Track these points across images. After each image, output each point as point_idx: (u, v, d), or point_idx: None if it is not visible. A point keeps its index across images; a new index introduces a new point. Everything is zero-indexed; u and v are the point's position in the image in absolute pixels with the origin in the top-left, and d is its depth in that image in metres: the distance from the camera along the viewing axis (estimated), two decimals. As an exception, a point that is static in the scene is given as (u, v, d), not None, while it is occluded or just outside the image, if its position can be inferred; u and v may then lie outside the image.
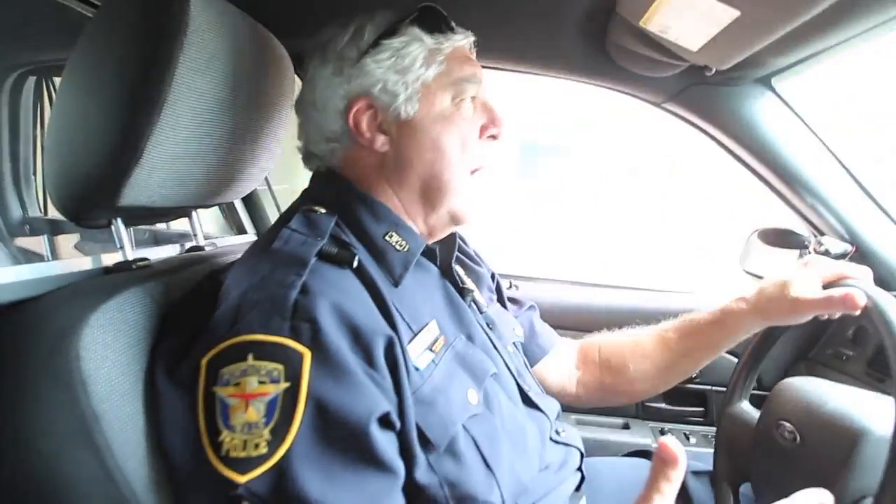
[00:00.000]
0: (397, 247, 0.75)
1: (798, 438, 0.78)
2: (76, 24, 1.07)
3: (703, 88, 1.16)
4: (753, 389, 0.99)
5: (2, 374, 0.59)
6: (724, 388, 1.02)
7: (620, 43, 1.04)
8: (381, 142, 0.76)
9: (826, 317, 0.82)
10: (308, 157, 0.82)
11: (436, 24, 0.77)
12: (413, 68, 0.75)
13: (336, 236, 0.72)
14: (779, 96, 1.15)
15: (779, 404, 0.84)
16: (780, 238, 1.30)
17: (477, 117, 0.79)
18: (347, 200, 0.76)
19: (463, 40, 0.79)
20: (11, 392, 0.58)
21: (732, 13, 0.79)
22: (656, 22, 0.90)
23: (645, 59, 1.04)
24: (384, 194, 0.78)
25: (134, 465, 0.58)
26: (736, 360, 1.37)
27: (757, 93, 1.15)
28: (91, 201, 0.74)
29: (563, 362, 1.09)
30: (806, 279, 0.82)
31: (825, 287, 0.82)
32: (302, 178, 0.85)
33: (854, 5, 0.80)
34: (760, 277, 1.30)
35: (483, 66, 0.82)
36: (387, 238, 0.75)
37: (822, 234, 1.28)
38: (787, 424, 0.80)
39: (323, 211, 0.74)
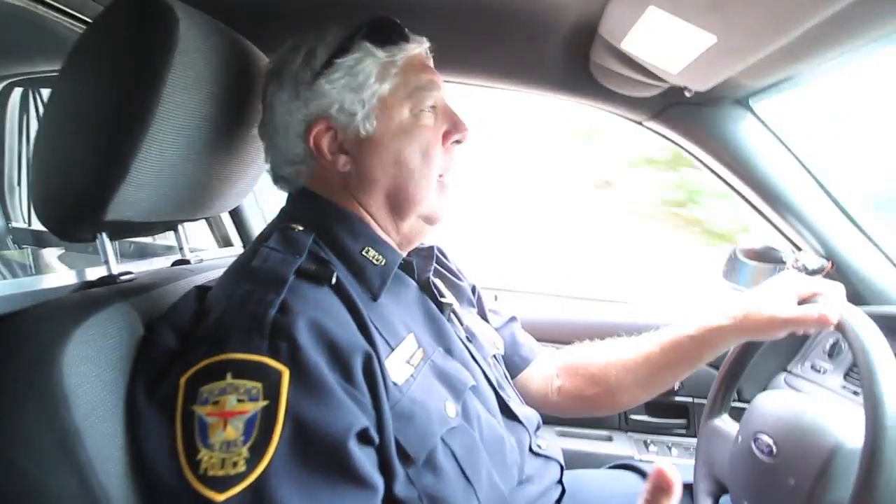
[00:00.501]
0: (374, 261, 0.76)
1: (775, 451, 0.79)
2: (62, 36, 1.07)
3: (683, 108, 1.18)
4: (734, 402, 1.00)
5: None
6: (706, 400, 1.03)
7: (603, 63, 1.06)
8: (342, 161, 0.77)
9: (802, 332, 0.84)
10: (276, 179, 0.83)
11: (387, 36, 0.77)
12: (367, 84, 0.75)
13: (314, 253, 0.72)
14: (756, 116, 1.18)
15: (757, 417, 0.85)
16: (759, 253, 1.32)
17: (439, 125, 0.79)
18: (323, 218, 0.77)
19: (417, 48, 0.79)
20: None
21: (709, 38, 0.81)
22: (636, 45, 0.93)
23: (626, 79, 1.07)
24: (355, 210, 0.79)
25: (116, 482, 0.58)
26: (716, 371, 1.40)
27: (735, 113, 1.17)
28: (77, 216, 0.74)
29: (545, 372, 1.09)
30: (781, 296, 0.84)
31: (800, 303, 0.84)
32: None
33: (827, 32, 0.82)
34: (741, 290, 1.33)
35: (467, 84, 0.83)
36: (364, 253, 0.76)
37: (799, 249, 1.30)
38: (765, 437, 0.81)
39: (300, 228, 0.75)
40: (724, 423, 0.96)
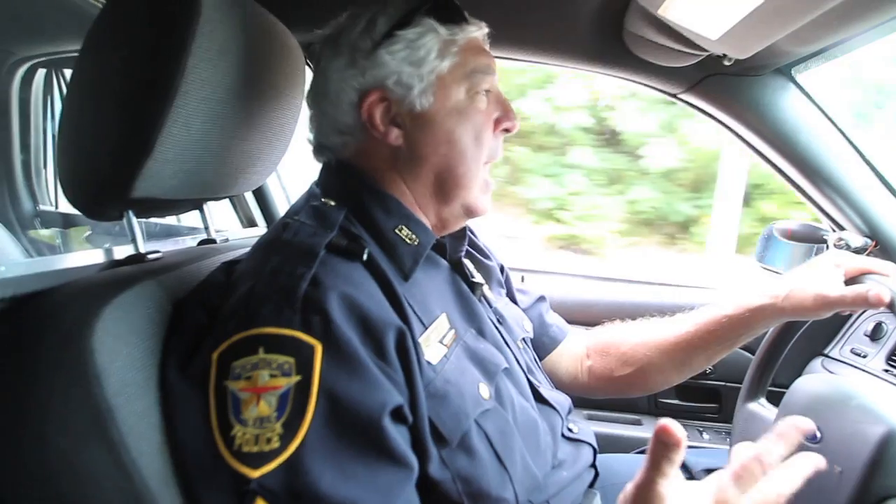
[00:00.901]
0: (407, 240, 0.74)
1: (819, 437, 0.76)
2: (85, 17, 1.06)
3: (721, 79, 1.13)
4: (769, 386, 0.97)
5: (16, 367, 0.59)
6: (739, 385, 1.00)
7: (637, 32, 1.02)
8: (394, 135, 0.75)
9: (848, 312, 0.81)
10: (319, 149, 0.81)
11: (449, 15, 0.75)
12: (428, 60, 0.73)
13: (346, 228, 0.71)
14: (799, 87, 1.13)
15: (799, 401, 0.83)
16: (798, 232, 1.28)
17: (491, 110, 0.78)
18: (358, 193, 0.75)
19: (477, 32, 0.78)
20: (26, 385, 0.58)
21: (755, 1, 0.77)
22: (675, 10, 0.88)
23: (662, 48, 1.02)
24: (396, 188, 0.77)
25: (148, 459, 0.58)
26: (750, 356, 1.36)
27: (777, 83, 1.12)
28: (103, 194, 0.74)
29: (575, 352, 1.08)
30: (829, 274, 0.81)
31: (847, 282, 0.80)
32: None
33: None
34: (777, 273, 1.28)
35: (497, 57, 0.81)
36: (397, 231, 0.74)
37: (841, 228, 1.26)
38: None
39: (332, 203, 0.73)
40: (762, 406, 0.93)
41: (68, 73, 1.77)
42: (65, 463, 0.56)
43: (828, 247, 1.23)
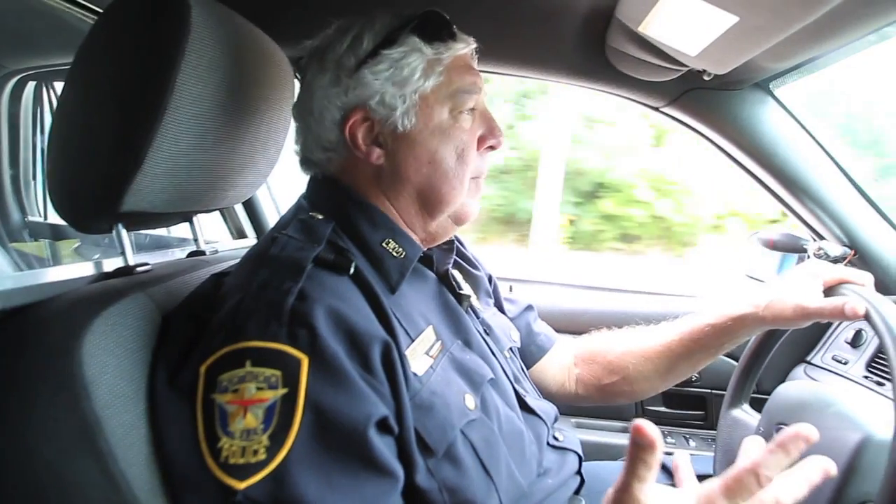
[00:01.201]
0: (394, 253, 0.75)
1: None
2: (75, 31, 1.07)
3: (701, 93, 1.16)
4: (753, 393, 0.98)
5: (5, 379, 0.59)
6: (724, 392, 1.01)
7: (619, 48, 1.04)
8: (376, 154, 0.75)
9: (826, 321, 0.82)
10: (305, 162, 0.81)
11: (436, 33, 0.75)
12: (411, 80, 0.73)
13: (333, 242, 0.71)
14: (777, 100, 1.15)
15: (779, 408, 0.84)
16: (779, 242, 1.30)
17: (475, 128, 0.78)
18: (345, 207, 0.76)
19: (464, 49, 0.77)
20: (15, 398, 0.58)
21: (731, 19, 0.79)
22: (655, 27, 0.90)
23: (643, 63, 1.04)
24: (381, 203, 0.77)
25: (136, 471, 0.58)
26: (734, 363, 1.38)
27: (755, 97, 1.15)
28: (93, 207, 0.74)
29: (563, 361, 1.08)
30: (808, 285, 0.82)
31: (826, 292, 0.82)
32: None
33: (853, 10, 0.80)
34: (761, 282, 1.31)
35: (483, 71, 0.81)
36: (384, 245, 0.75)
37: (821, 237, 1.28)
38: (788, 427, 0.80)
39: (320, 217, 0.74)
40: (745, 413, 0.94)
41: (58, 85, 1.78)
42: (52, 474, 0.57)
43: (808, 256, 1.25)
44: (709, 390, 1.48)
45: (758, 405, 0.94)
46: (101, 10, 1.03)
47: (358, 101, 0.73)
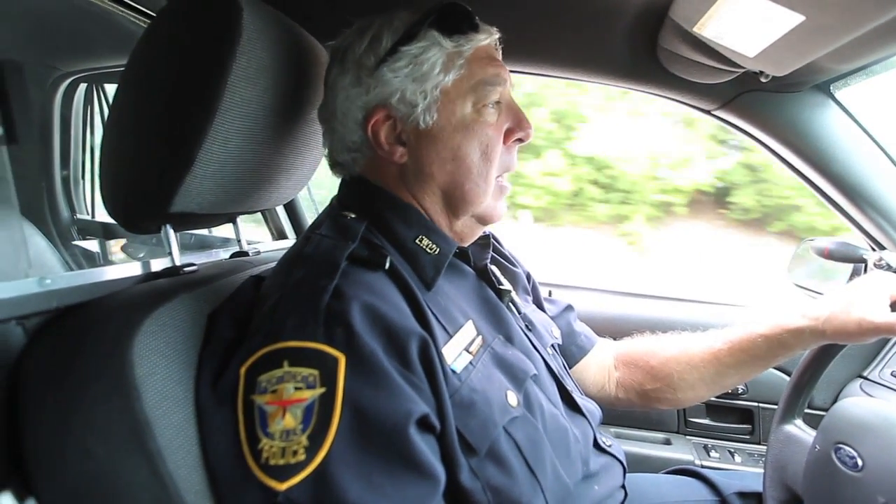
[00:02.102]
0: (428, 250, 0.74)
1: (861, 464, 0.74)
2: (127, 34, 1.10)
3: (756, 95, 1.11)
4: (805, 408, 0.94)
5: (60, 377, 0.60)
6: (773, 405, 0.98)
7: (672, 49, 1.00)
8: (399, 153, 0.74)
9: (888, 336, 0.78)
10: (334, 164, 0.81)
11: (456, 25, 0.73)
12: (431, 75, 0.72)
13: (367, 239, 0.71)
14: (838, 103, 1.10)
15: (839, 426, 0.80)
16: (835, 251, 1.24)
17: (501, 121, 0.76)
18: (377, 205, 0.75)
19: (486, 40, 0.75)
20: (69, 396, 0.59)
21: (796, 18, 0.75)
22: (711, 27, 0.87)
23: (697, 65, 1.01)
24: (409, 201, 0.77)
25: (185, 472, 0.58)
26: (785, 376, 1.33)
27: (815, 100, 1.10)
28: (143, 209, 0.76)
29: (603, 362, 1.06)
30: (873, 298, 0.78)
31: (893, 306, 0.78)
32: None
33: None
34: (815, 292, 1.25)
35: (527, 73, 0.80)
36: (417, 241, 0.74)
37: (881, 247, 1.22)
38: (849, 448, 0.76)
39: (353, 216, 0.74)
40: (799, 429, 0.90)
41: (108, 87, 1.83)
42: (104, 473, 0.57)
43: (867, 267, 1.19)
44: (757, 403, 1.42)
45: (812, 421, 0.90)
46: (153, 14, 1.05)
47: (379, 99, 0.73)
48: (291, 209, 1.53)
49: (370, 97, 0.73)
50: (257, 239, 1.51)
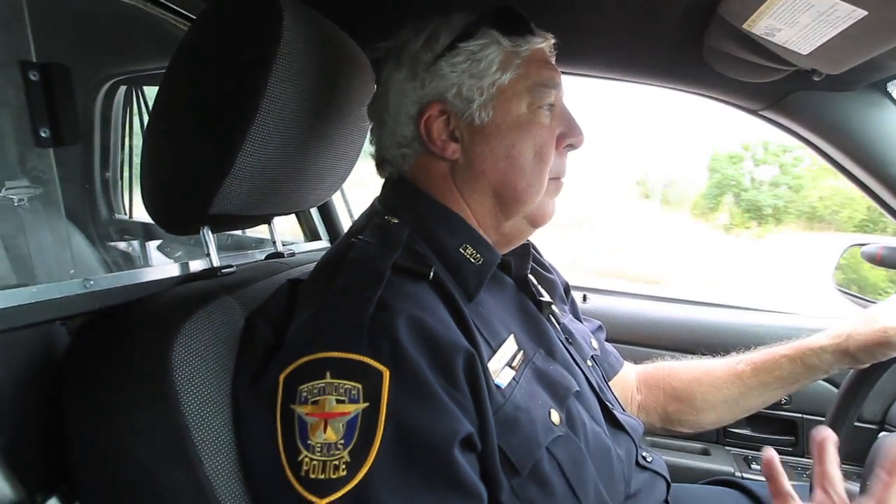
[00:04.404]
0: (472, 259, 0.72)
1: None
2: (168, 36, 1.11)
3: (808, 94, 1.07)
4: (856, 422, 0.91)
5: (103, 378, 0.60)
6: (818, 417, 0.94)
7: (719, 47, 0.96)
8: (451, 149, 0.73)
9: None
10: (381, 162, 0.80)
11: (514, 26, 0.73)
12: (489, 72, 0.71)
13: (410, 247, 0.69)
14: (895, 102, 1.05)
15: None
16: (888, 257, 1.18)
17: (554, 125, 0.75)
18: (421, 210, 0.74)
19: (542, 43, 0.75)
20: (110, 398, 0.59)
21: (858, 13, 0.71)
22: (763, 24, 0.83)
23: (745, 63, 0.97)
24: (455, 203, 0.75)
25: (223, 478, 0.58)
26: (832, 387, 1.27)
27: (871, 99, 1.04)
28: (183, 210, 0.76)
29: (627, 385, 1.05)
30: None
31: None
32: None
33: None
34: (866, 301, 1.20)
35: (571, 73, 0.78)
36: (461, 250, 0.72)
37: (939, 254, 1.16)
38: None
39: (395, 221, 0.72)
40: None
41: (147, 89, 1.87)
42: (144, 476, 0.57)
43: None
44: (801, 415, 1.37)
45: (861, 434, 0.86)
46: (194, 17, 1.06)
47: (434, 93, 0.72)
48: (325, 210, 1.53)
49: (426, 91, 0.73)
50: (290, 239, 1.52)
